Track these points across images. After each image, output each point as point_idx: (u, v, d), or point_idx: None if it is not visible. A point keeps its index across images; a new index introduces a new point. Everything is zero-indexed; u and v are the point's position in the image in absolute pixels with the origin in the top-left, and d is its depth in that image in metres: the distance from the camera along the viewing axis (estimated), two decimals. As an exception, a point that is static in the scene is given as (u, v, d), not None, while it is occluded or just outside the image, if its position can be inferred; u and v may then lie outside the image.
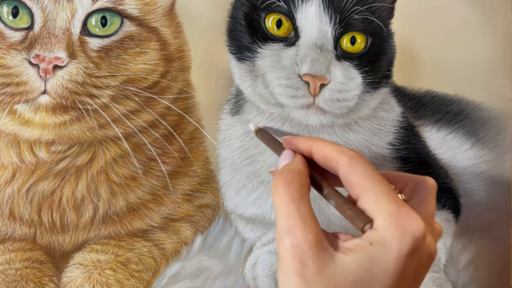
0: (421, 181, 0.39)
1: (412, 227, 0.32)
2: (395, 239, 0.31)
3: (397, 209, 0.32)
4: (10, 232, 0.49)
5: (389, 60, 0.51)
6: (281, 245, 0.33)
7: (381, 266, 0.31)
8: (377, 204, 0.33)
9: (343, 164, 0.35)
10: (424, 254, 0.33)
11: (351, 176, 0.34)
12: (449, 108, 0.56)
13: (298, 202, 0.34)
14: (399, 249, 0.31)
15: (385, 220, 0.32)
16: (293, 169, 0.36)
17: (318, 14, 0.47)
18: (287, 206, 0.33)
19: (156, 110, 0.50)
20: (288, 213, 0.33)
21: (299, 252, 0.32)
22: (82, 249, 0.50)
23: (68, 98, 0.46)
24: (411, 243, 0.31)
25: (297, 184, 0.35)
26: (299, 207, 0.33)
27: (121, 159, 0.50)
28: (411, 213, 0.32)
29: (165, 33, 0.50)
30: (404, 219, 0.32)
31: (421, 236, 0.32)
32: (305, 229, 0.32)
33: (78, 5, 0.47)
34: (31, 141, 0.49)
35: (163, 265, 0.50)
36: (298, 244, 0.32)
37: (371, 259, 0.31)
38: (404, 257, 0.31)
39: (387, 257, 0.31)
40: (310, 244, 0.32)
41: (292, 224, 0.33)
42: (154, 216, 0.51)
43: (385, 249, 0.31)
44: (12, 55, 0.46)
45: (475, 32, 0.57)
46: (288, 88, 0.47)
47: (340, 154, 0.35)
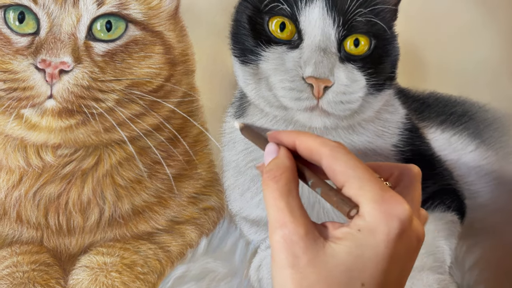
0: (405, 169, 0.39)
1: (398, 210, 0.32)
2: (382, 224, 0.32)
3: (381, 195, 0.33)
4: (18, 235, 0.50)
5: (393, 62, 0.51)
6: (273, 238, 0.33)
7: (371, 252, 0.32)
8: (361, 191, 0.33)
9: (325, 154, 0.35)
10: (412, 237, 0.33)
11: (334, 165, 0.35)
12: (453, 109, 0.56)
13: (287, 196, 0.34)
14: (387, 233, 0.32)
15: (371, 206, 0.32)
16: (280, 165, 0.37)
17: (322, 17, 0.47)
18: (277, 200, 0.34)
19: (161, 114, 0.50)
20: (278, 207, 0.34)
21: (290, 244, 0.32)
22: (88, 251, 0.50)
23: (74, 102, 0.47)
24: (398, 226, 0.32)
25: (285, 180, 0.35)
26: (288, 201, 0.34)
27: (127, 162, 0.50)
28: (396, 197, 0.33)
29: (169, 37, 0.50)
30: (389, 204, 0.32)
31: (407, 219, 0.32)
32: (295, 221, 0.33)
33: (83, 10, 0.47)
34: (37, 145, 0.49)
35: (169, 267, 0.51)
36: (289, 236, 0.33)
37: (361, 246, 0.32)
38: (393, 240, 0.32)
39: (376, 242, 0.32)
40: (300, 235, 0.32)
41: (282, 218, 0.33)
42: (159, 218, 0.52)
43: (373, 234, 0.32)
44: (19, 60, 0.46)
45: (479, 33, 0.57)
46: (292, 90, 0.47)
47: (322, 145, 0.36)
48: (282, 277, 0.32)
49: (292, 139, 0.38)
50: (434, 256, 0.50)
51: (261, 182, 0.37)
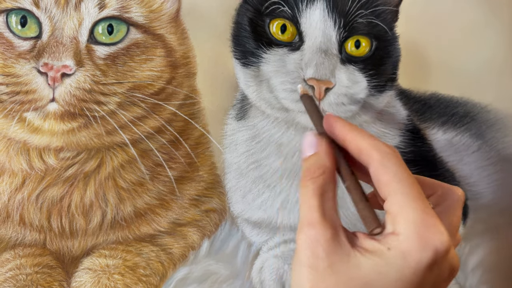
0: (449, 190, 0.37)
1: (436, 240, 0.30)
2: (414, 249, 0.30)
3: (423, 218, 0.31)
4: (21, 238, 0.50)
5: (394, 63, 0.51)
6: (299, 236, 0.32)
7: (396, 274, 0.30)
8: (403, 208, 0.31)
9: (375, 160, 0.33)
10: (445, 268, 0.32)
11: (381, 175, 0.33)
12: (455, 110, 0.56)
13: (321, 196, 0.33)
14: (418, 260, 0.30)
15: (408, 228, 0.31)
16: (319, 165, 0.35)
17: (322, 19, 0.47)
18: (310, 199, 0.33)
19: (163, 116, 0.51)
20: (310, 205, 0.33)
21: (314, 244, 0.31)
22: (91, 254, 0.50)
23: (76, 106, 0.47)
24: (431, 256, 0.30)
25: (323, 181, 0.34)
26: (322, 201, 0.33)
27: (129, 165, 0.51)
28: (437, 224, 0.31)
29: (170, 40, 0.51)
30: (428, 230, 0.30)
31: (444, 250, 0.30)
32: (324, 222, 0.32)
33: (85, 14, 0.47)
34: (40, 148, 0.49)
35: (171, 269, 0.51)
36: (315, 237, 0.32)
37: (387, 265, 0.30)
38: (423, 269, 0.30)
39: (404, 266, 0.30)
40: (326, 238, 0.31)
41: (312, 217, 0.32)
42: (161, 221, 0.52)
43: (403, 257, 0.30)
44: (21, 64, 0.47)
45: (481, 33, 0.56)
46: (293, 92, 0.47)
47: (373, 149, 0.33)
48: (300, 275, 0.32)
49: (343, 133, 0.35)
50: (436, 257, 0.50)
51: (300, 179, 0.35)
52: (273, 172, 0.51)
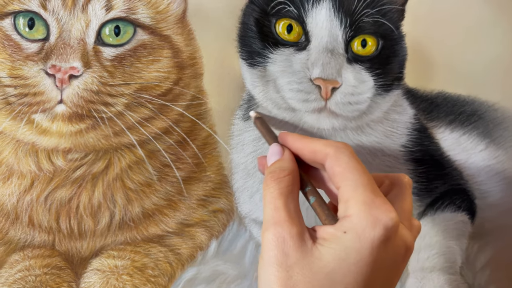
0: (396, 178, 0.40)
1: (384, 216, 0.32)
2: (368, 228, 0.32)
3: (371, 199, 0.33)
4: (30, 239, 0.51)
5: (401, 62, 0.51)
6: (265, 236, 0.34)
7: (355, 255, 0.32)
8: (354, 193, 0.34)
9: (329, 155, 0.36)
10: (399, 246, 0.33)
11: (335, 167, 0.35)
12: (462, 109, 0.55)
13: (286, 197, 0.35)
14: (371, 238, 0.32)
15: (359, 208, 0.33)
16: (284, 168, 0.37)
17: (329, 18, 0.47)
18: (276, 199, 0.35)
19: (170, 117, 0.51)
20: (276, 206, 0.35)
21: (282, 242, 0.33)
22: (99, 255, 0.50)
23: (83, 107, 0.47)
24: (383, 232, 0.32)
25: (288, 182, 0.36)
26: (287, 201, 0.35)
27: (136, 166, 0.51)
28: (385, 204, 0.33)
29: (177, 41, 0.51)
30: (377, 209, 0.33)
31: (393, 226, 0.32)
32: (289, 221, 0.34)
33: (92, 15, 0.48)
34: (48, 150, 0.50)
35: (179, 270, 0.51)
36: (281, 235, 0.33)
37: (345, 248, 0.32)
38: (377, 246, 0.32)
39: (361, 246, 0.32)
40: (292, 235, 0.33)
41: (277, 216, 0.34)
42: (169, 221, 0.52)
43: (358, 238, 0.32)
44: (29, 66, 0.47)
45: (488, 32, 0.56)
46: (299, 92, 0.47)
47: (326, 146, 0.37)
48: (267, 274, 0.33)
49: (296, 142, 0.39)
50: (444, 256, 0.50)
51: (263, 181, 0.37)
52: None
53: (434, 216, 0.52)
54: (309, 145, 0.38)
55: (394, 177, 0.40)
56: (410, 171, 0.52)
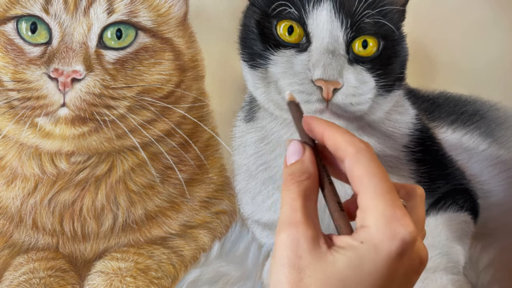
0: (411, 189, 0.39)
1: (403, 231, 0.32)
2: (384, 240, 0.31)
3: (392, 211, 0.32)
4: (34, 242, 0.51)
5: (402, 63, 0.51)
6: (280, 236, 0.33)
7: (370, 266, 0.31)
8: (373, 202, 0.33)
9: (349, 155, 0.35)
10: (414, 259, 0.33)
11: (355, 170, 0.34)
12: (464, 108, 0.55)
13: (304, 198, 0.34)
14: (388, 251, 0.31)
15: (378, 220, 0.32)
16: (303, 171, 0.36)
17: (329, 19, 0.47)
18: (294, 200, 0.34)
19: (172, 119, 0.51)
20: (293, 206, 0.34)
21: (296, 244, 0.32)
22: (103, 257, 0.51)
23: (86, 110, 0.47)
24: (400, 246, 0.31)
25: (307, 185, 0.35)
26: (305, 203, 0.34)
27: (139, 168, 0.51)
28: (405, 217, 0.32)
29: (178, 44, 0.51)
30: (396, 221, 0.32)
31: (411, 240, 0.32)
32: (306, 223, 0.33)
33: (94, 19, 0.48)
34: (52, 153, 0.50)
35: (182, 271, 0.51)
36: (296, 236, 0.33)
37: (361, 258, 0.32)
38: (393, 260, 0.31)
39: (377, 258, 0.31)
40: (307, 238, 0.32)
41: (294, 217, 0.33)
42: (172, 223, 0.52)
43: (375, 249, 0.32)
44: (32, 70, 0.47)
45: (489, 31, 0.56)
46: (301, 93, 0.47)
47: (348, 144, 0.35)
48: (279, 275, 0.32)
49: (321, 130, 0.37)
50: (447, 256, 0.50)
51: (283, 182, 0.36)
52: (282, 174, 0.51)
53: (437, 216, 0.52)
54: (333, 137, 0.36)
55: (409, 188, 0.39)
56: (412, 171, 0.52)
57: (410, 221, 0.32)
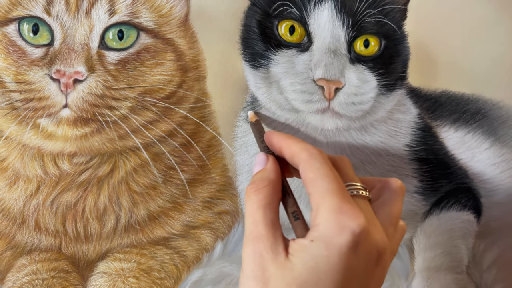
0: (387, 183, 0.39)
1: (351, 223, 0.32)
2: (335, 235, 0.32)
3: (339, 205, 0.32)
4: (36, 243, 0.51)
5: (404, 62, 0.51)
6: (245, 250, 0.34)
7: (324, 264, 0.31)
8: (322, 200, 0.33)
9: (302, 160, 0.36)
10: (371, 250, 0.33)
11: (307, 173, 0.35)
12: (466, 107, 0.55)
13: (264, 209, 0.35)
14: (338, 245, 0.31)
15: (326, 216, 0.32)
16: (263, 179, 0.37)
17: (331, 19, 0.47)
18: (254, 212, 0.35)
19: (174, 120, 0.51)
20: (255, 219, 0.35)
21: (259, 257, 0.33)
22: (105, 258, 0.51)
23: (88, 111, 0.47)
24: (350, 238, 0.31)
25: (266, 193, 0.36)
26: (265, 214, 0.35)
27: (141, 168, 0.51)
28: (352, 209, 0.32)
29: (180, 44, 0.51)
30: (343, 215, 0.32)
31: (361, 232, 0.32)
32: (267, 235, 0.34)
33: (95, 20, 0.48)
34: (54, 154, 0.50)
35: (185, 272, 0.51)
36: (259, 250, 0.33)
37: (314, 257, 0.32)
38: (346, 253, 0.31)
39: (329, 254, 0.31)
40: (268, 249, 0.33)
41: (256, 230, 0.34)
42: (174, 224, 0.52)
43: (326, 246, 0.32)
44: (34, 71, 0.47)
45: (491, 30, 0.56)
46: (303, 93, 0.47)
47: (302, 150, 0.37)
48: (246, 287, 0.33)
49: (279, 143, 0.39)
50: (451, 256, 0.50)
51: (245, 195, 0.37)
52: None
53: (440, 215, 0.52)
54: (290, 147, 0.38)
55: (386, 181, 0.40)
56: (414, 171, 0.52)
57: (359, 213, 0.32)
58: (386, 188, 0.39)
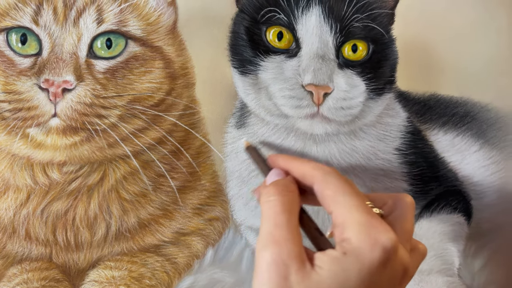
0: (398, 199, 0.39)
1: (383, 237, 0.31)
2: (367, 249, 0.31)
3: (368, 219, 0.32)
4: (27, 252, 0.51)
5: (392, 66, 0.51)
6: (262, 255, 0.32)
7: (355, 277, 0.31)
8: (349, 215, 0.33)
9: (317, 178, 0.36)
10: (397, 267, 0.32)
11: (325, 190, 0.35)
12: (455, 110, 0.55)
13: (289, 213, 0.33)
14: (370, 259, 0.31)
15: (357, 230, 0.32)
16: (287, 185, 0.36)
17: (319, 24, 0.47)
18: (278, 215, 0.33)
19: (163, 127, 0.51)
20: (277, 222, 0.33)
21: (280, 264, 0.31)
22: (96, 266, 0.51)
23: (77, 120, 0.48)
24: (381, 254, 0.31)
25: (290, 197, 0.35)
26: (290, 218, 0.33)
27: (131, 176, 0.51)
28: (382, 224, 0.32)
29: (168, 52, 0.51)
30: (375, 229, 0.32)
31: (391, 248, 0.31)
32: (291, 241, 0.32)
33: (83, 29, 0.48)
34: (43, 163, 0.50)
35: (176, 279, 0.51)
36: (280, 256, 0.31)
37: (346, 270, 0.31)
38: (376, 268, 0.31)
39: (361, 268, 0.31)
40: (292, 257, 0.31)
41: (278, 234, 0.32)
42: (165, 231, 0.52)
43: (357, 259, 0.31)
44: (23, 81, 0.47)
45: (479, 33, 0.56)
46: (291, 98, 0.48)
47: (315, 169, 0.36)
48: None
49: (286, 164, 0.39)
50: (442, 258, 0.50)
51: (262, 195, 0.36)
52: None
53: (430, 218, 0.52)
54: (298, 167, 0.37)
55: (397, 197, 0.39)
56: (404, 174, 0.52)
57: (389, 228, 0.32)
58: (398, 204, 0.38)
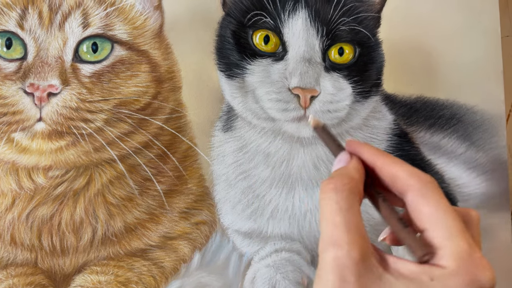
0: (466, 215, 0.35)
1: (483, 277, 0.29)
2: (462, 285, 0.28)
3: (470, 254, 0.29)
4: (12, 257, 0.50)
5: (378, 69, 0.52)
6: (323, 257, 0.30)
7: None
8: (448, 241, 0.30)
9: (414, 189, 0.31)
10: None
11: (422, 206, 0.31)
12: (441, 113, 0.56)
13: (346, 211, 0.31)
14: None
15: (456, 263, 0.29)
16: (344, 175, 0.32)
17: (305, 28, 0.48)
18: (334, 215, 0.31)
19: (149, 131, 0.51)
20: (334, 223, 0.30)
21: (341, 267, 0.29)
22: (82, 271, 0.50)
23: (63, 124, 0.47)
24: None
25: (347, 192, 0.31)
26: (347, 217, 0.30)
27: (117, 180, 0.51)
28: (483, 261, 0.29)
29: (155, 55, 0.51)
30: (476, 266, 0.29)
31: None
32: (351, 243, 0.30)
33: (69, 33, 0.48)
34: (29, 168, 0.50)
35: (163, 283, 0.51)
36: (341, 259, 0.29)
37: None
38: None
39: None
40: (353, 260, 0.29)
41: (336, 236, 0.30)
42: (151, 235, 0.52)
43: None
44: (8, 86, 0.47)
45: (464, 36, 0.57)
46: (278, 102, 0.48)
47: (411, 177, 0.31)
48: None
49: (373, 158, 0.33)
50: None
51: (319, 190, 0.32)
52: (261, 182, 0.51)
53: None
54: (390, 167, 0.32)
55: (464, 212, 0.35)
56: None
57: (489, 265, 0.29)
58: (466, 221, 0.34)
